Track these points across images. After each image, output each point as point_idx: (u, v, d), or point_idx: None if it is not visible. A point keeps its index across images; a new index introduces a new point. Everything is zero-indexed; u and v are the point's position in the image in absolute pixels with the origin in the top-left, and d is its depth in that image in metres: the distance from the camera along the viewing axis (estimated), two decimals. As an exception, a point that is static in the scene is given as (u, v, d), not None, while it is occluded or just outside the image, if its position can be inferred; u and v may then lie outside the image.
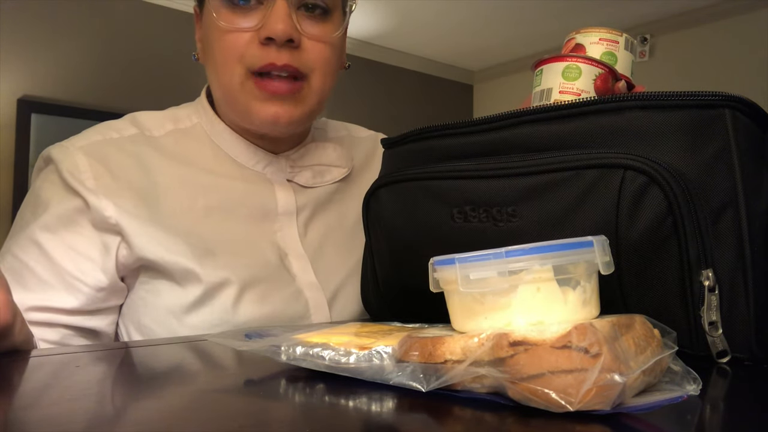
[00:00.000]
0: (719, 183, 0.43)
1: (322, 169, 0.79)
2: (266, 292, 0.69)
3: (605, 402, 0.29)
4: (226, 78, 0.68)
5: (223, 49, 0.67)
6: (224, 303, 0.66)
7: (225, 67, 0.67)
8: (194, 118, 0.76)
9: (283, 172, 0.76)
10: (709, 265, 0.42)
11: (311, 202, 0.77)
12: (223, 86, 0.69)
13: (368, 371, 0.36)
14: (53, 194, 0.67)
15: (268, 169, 0.75)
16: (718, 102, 0.44)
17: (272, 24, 0.64)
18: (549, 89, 0.59)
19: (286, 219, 0.74)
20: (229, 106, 0.71)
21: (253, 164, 0.75)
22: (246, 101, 0.68)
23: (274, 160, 0.76)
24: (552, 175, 0.47)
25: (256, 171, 0.75)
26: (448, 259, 0.35)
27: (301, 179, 0.77)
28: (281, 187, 0.75)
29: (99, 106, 3.05)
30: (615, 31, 0.62)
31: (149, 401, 0.35)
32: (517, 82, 4.51)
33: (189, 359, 0.51)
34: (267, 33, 0.64)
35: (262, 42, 0.65)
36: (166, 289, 0.66)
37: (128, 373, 0.46)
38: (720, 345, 0.42)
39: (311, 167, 0.78)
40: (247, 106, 0.68)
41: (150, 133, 0.73)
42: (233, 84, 0.67)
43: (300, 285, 0.71)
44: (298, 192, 0.77)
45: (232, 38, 0.66)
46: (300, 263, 0.73)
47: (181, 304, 0.66)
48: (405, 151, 0.59)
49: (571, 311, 0.34)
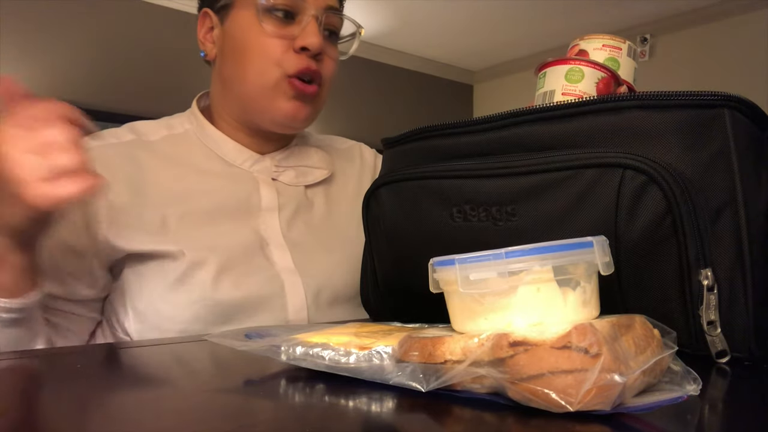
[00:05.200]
0: (718, 183, 0.43)
1: (305, 170, 0.86)
2: (244, 273, 0.73)
3: (605, 402, 0.29)
4: (259, 77, 0.76)
5: (262, 52, 0.75)
6: (204, 280, 0.70)
7: (260, 68, 0.75)
8: (186, 125, 0.83)
9: (269, 171, 0.83)
10: (708, 265, 0.42)
11: (293, 200, 0.83)
12: (250, 83, 0.76)
13: (368, 371, 0.36)
14: None
15: (255, 168, 0.82)
16: (717, 102, 0.44)
17: (310, 37, 0.74)
18: (552, 91, 0.59)
19: (268, 213, 0.80)
20: (249, 102, 0.78)
21: (241, 162, 0.81)
22: (274, 98, 0.76)
23: (260, 159, 0.82)
24: (551, 175, 0.47)
25: (243, 169, 0.81)
26: (447, 260, 0.35)
27: (285, 178, 0.83)
28: (266, 185, 0.81)
29: (99, 106, 3.05)
30: (618, 38, 0.63)
31: (149, 401, 0.35)
32: (517, 82, 4.51)
33: (189, 359, 0.51)
34: (304, 43, 0.74)
35: (297, 51, 0.75)
36: (150, 272, 0.71)
37: (128, 373, 0.46)
38: (719, 344, 0.42)
39: (295, 168, 0.85)
40: (274, 102, 0.76)
41: (146, 138, 0.79)
42: (267, 82, 0.76)
43: (277, 269, 0.76)
44: (281, 190, 0.82)
45: (272, 44, 0.75)
46: (280, 252, 0.78)
47: (164, 283, 0.70)
48: (405, 151, 0.60)
49: (571, 312, 0.34)
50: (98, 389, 0.39)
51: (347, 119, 4.09)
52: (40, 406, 0.34)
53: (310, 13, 0.76)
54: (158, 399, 0.36)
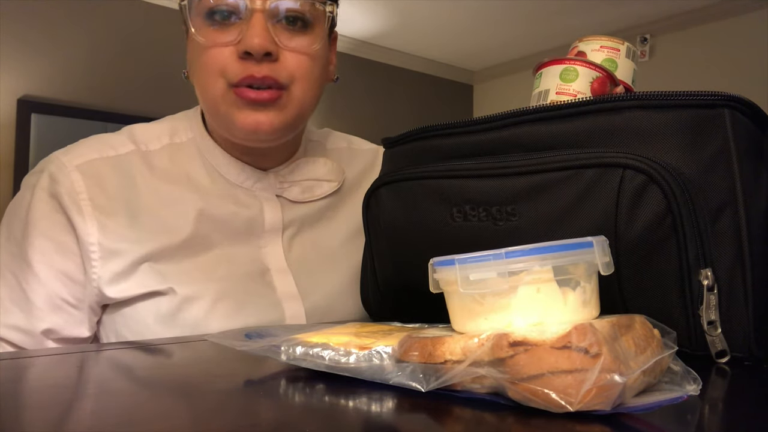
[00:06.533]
0: (718, 182, 0.43)
1: (312, 184, 0.80)
2: (241, 304, 0.70)
3: (605, 402, 0.29)
4: (210, 92, 0.69)
5: (204, 65, 0.68)
6: (196, 316, 0.67)
7: (207, 82, 0.69)
8: (190, 133, 0.77)
9: (272, 188, 0.77)
10: (708, 265, 0.42)
11: (299, 218, 0.78)
12: (207, 100, 0.71)
13: (368, 371, 0.36)
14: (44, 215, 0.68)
15: (257, 186, 0.76)
16: (717, 102, 0.44)
17: (249, 39, 0.65)
18: (546, 90, 0.59)
19: (271, 235, 0.75)
20: (213, 119, 0.73)
21: (242, 181, 0.76)
22: (228, 111, 0.69)
23: (262, 176, 0.77)
24: (551, 175, 0.47)
25: (245, 188, 0.76)
26: (447, 260, 0.35)
27: (290, 195, 0.78)
28: (269, 204, 0.76)
29: (99, 106, 3.05)
30: (617, 39, 0.63)
31: (149, 401, 0.35)
32: (517, 82, 4.51)
33: (189, 359, 0.51)
34: (244, 47, 0.65)
35: (241, 56, 0.66)
36: (141, 306, 0.68)
37: (128, 374, 0.46)
38: (719, 344, 0.42)
39: (300, 182, 0.79)
40: (229, 116, 0.69)
41: (146, 148, 0.74)
42: (216, 96, 0.69)
43: (279, 296, 0.72)
44: (286, 208, 0.78)
45: (213, 53, 0.67)
46: (281, 276, 0.74)
47: (154, 317, 0.67)
48: (405, 151, 0.60)
49: (571, 312, 0.34)
50: (97, 390, 0.39)
51: (347, 119, 4.09)
52: (40, 407, 0.34)
53: (254, 6, 0.65)
54: (158, 399, 0.36)
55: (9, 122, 2.83)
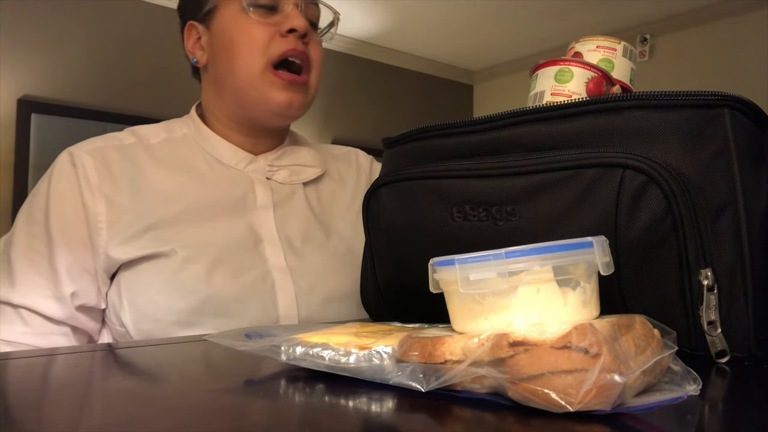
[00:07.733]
0: (718, 183, 0.43)
1: (298, 168, 0.90)
2: (237, 268, 0.76)
3: (605, 402, 0.29)
4: (247, 69, 0.79)
5: (249, 40, 0.79)
6: (197, 272, 0.73)
7: (248, 57, 0.79)
8: (184, 129, 0.87)
9: (263, 171, 0.86)
10: (708, 265, 0.42)
11: (288, 198, 0.86)
12: (240, 78, 0.80)
13: (368, 371, 0.36)
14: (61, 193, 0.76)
15: (249, 168, 0.85)
16: (717, 102, 0.44)
17: (294, 19, 0.79)
18: (542, 92, 0.60)
19: (263, 211, 0.83)
20: (243, 95, 0.81)
21: (236, 163, 0.85)
22: (264, 89, 0.80)
23: (254, 160, 0.86)
24: (551, 175, 0.47)
25: (239, 170, 0.84)
26: (447, 260, 0.35)
27: (278, 177, 0.87)
28: (260, 184, 0.85)
29: (99, 106, 3.05)
30: (613, 39, 0.63)
31: (149, 401, 0.35)
32: (517, 82, 4.51)
33: (188, 359, 0.51)
34: (290, 25, 0.79)
35: (283, 34, 0.79)
36: (146, 269, 0.74)
37: (127, 373, 0.46)
38: (719, 344, 0.42)
39: (288, 167, 0.88)
40: (266, 93, 0.80)
41: (147, 141, 0.83)
42: (253, 73, 0.79)
43: (269, 267, 0.78)
44: (275, 189, 0.86)
45: (260, 30, 0.79)
46: (273, 248, 0.80)
47: (160, 278, 0.73)
48: (405, 151, 0.60)
49: (571, 312, 0.34)
50: (97, 389, 0.39)
51: (347, 119, 4.09)
52: (39, 407, 0.34)
53: (291, 2, 0.81)
54: (158, 399, 0.36)
55: (9, 122, 2.83)
